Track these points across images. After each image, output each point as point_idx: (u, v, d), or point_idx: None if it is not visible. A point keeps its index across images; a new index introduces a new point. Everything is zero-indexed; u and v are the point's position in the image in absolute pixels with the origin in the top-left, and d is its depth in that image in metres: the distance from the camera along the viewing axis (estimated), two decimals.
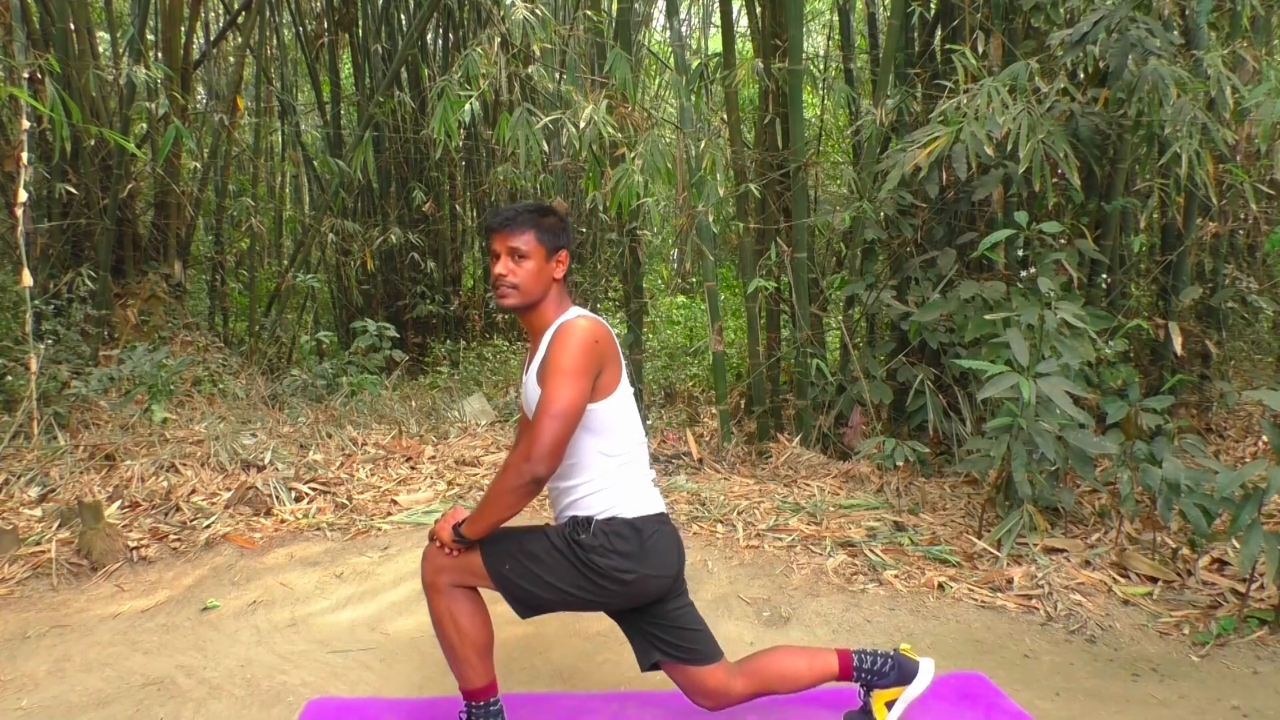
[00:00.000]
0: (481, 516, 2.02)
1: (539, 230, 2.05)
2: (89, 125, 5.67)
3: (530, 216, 2.06)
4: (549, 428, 1.91)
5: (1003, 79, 3.98)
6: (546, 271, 2.07)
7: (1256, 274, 5.87)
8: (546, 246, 2.06)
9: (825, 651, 2.25)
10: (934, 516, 4.01)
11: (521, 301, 2.06)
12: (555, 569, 2.04)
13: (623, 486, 2.07)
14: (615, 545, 2.02)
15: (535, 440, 1.91)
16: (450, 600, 2.10)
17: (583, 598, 2.07)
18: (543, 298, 2.08)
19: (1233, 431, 5.28)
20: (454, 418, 5.72)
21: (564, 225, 2.11)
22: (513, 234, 2.04)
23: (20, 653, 2.87)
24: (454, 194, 9.16)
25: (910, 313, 4.62)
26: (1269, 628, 2.96)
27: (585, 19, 5.89)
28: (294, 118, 9.11)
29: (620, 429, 2.08)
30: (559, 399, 1.92)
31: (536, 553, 2.05)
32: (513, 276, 2.04)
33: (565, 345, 1.96)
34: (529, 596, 2.08)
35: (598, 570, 2.02)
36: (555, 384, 1.93)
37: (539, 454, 1.91)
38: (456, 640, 2.11)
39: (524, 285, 2.04)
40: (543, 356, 2.03)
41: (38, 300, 5.56)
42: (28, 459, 4.31)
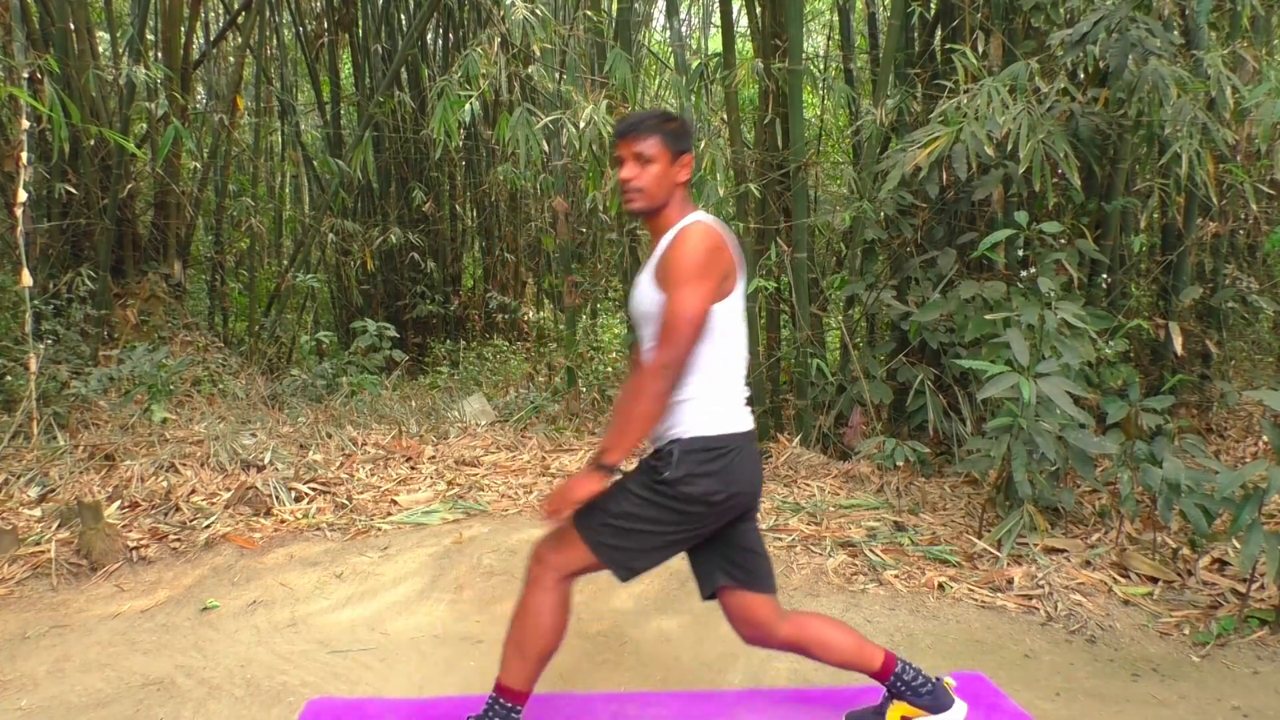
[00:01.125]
0: (624, 436, 1.99)
1: (664, 135, 2.07)
2: (89, 125, 5.68)
3: (656, 122, 2.09)
4: (684, 331, 1.94)
5: (1003, 79, 3.98)
6: (671, 175, 2.09)
7: (1256, 274, 5.87)
8: (671, 150, 2.08)
9: (875, 646, 2.24)
10: (934, 516, 4.01)
11: (647, 205, 2.09)
12: (649, 517, 2.04)
13: (717, 398, 2.07)
14: (700, 468, 2.02)
15: (672, 345, 1.94)
16: (547, 597, 2.12)
17: (680, 535, 2.08)
18: (667, 201, 2.10)
19: (1233, 431, 5.28)
20: (454, 418, 5.72)
21: (687, 130, 2.13)
22: (639, 139, 2.07)
23: (20, 653, 2.86)
24: (454, 194, 9.16)
25: (910, 313, 4.62)
26: (1269, 628, 2.96)
27: (585, 19, 5.89)
28: (294, 118, 9.12)
29: (729, 335, 2.07)
30: (690, 303, 1.95)
31: (628, 510, 2.06)
32: (638, 181, 2.07)
33: (686, 249, 1.98)
34: (632, 557, 2.09)
35: (688, 499, 2.02)
36: (684, 289, 1.96)
37: (678, 358, 1.95)
38: (531, 636, 2.12)
39: (649, 189, 2.07)
40: (660, 257, 2.05)
41: (37, 300, 5.56)
42: (27, 459, 4.30)
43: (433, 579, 3.43)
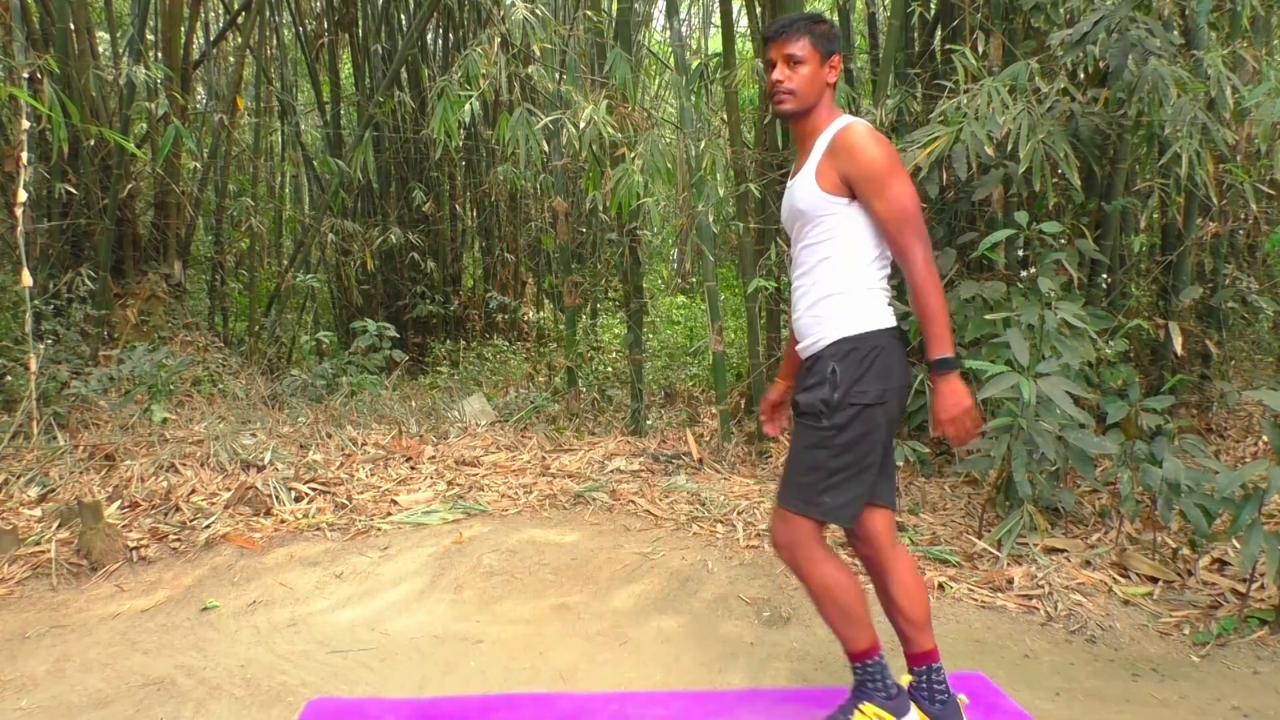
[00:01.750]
0: (938, 329, 2.04)
1: (813, 36, 2.10)
2: (89, 125, 5.68)
3: (805, 23, 2.12)
4: (917, 220, 2.03)
5: (1003, 79, 3.98)
6: (820, 77, 2.12)
7: (1256, 274, 5.87)
8: (821, 51, 2.11)
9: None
10: (934, 516, 4.01)
11: (798, 106, 2.12)
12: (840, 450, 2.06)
13: (861, 294, 2.11)
14: (859, 370, 2.06)
15: (917, 236, 2.03)
16: (822, 569, 2.13)
17: (870, 451, 2.09)
18: (817, 103, 2.13)
19: (1233, 431, 5.28)
20: (454, 418, 5.72)
21: (835, 32, 2.16)
22: (789, 40, 2.10)
23: (20, 653, 2.86)
24: (454, 194, 9.16)
25: (910, 313, 4.62)
26: (1269, 628, 2.96)
27: (585, 19, 5.89)
28: (294, 118, 9.12)
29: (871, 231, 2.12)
30: (905, 196, 2.02)
31: (818, 460, 2.08)
32: (789, 82, 2.10)
33: (871, 149, 2.02)
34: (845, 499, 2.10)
35: (858, 412, 2.05)
36: (892, 186, 2.02)
37: (927, 240, 2.04)
38: (845, 601, 2.14)
39: (800, 90, 2.10)
40: (821, 161, 2.08)
41: (37, 300, 5.56)
42: (27, 459, 4.30)
43: (433, 579, 3.43)
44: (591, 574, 3.47)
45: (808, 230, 2.14)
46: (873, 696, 2.20)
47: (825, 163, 2.08)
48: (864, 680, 2.21)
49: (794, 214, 2.17)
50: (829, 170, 2.07)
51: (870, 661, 2.20)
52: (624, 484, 4.50)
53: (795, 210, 2.16)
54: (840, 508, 2.10)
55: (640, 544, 3.75)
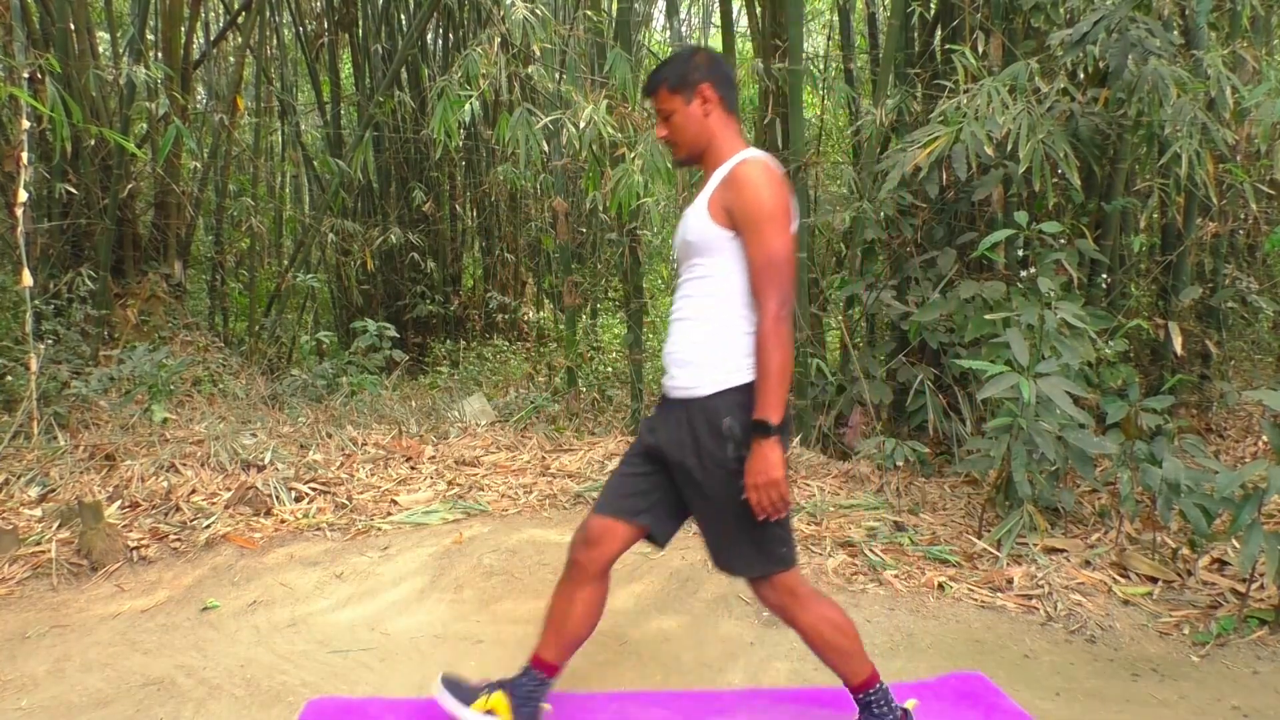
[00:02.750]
0: (776, 390, 1.96)
1: (667, 84, 2.08)
2: (89, 125, 5.67)
3: (658, 75, 2.10)
4: (784, 272, 1.96)
5: (1003, 79, 3.98)
6: (694, 114, 2.08)
7: (1256, 274, 5.87)
8: (682, 94, 2.07)
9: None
10: (934, 516, 4.01)
11: (686, 155, 2.11)
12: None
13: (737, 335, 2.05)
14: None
15: (778, 289, 1.95)
16: (812, 610, 2.11)
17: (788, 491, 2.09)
18: (706, 140, 2.09)
19: (1233, 431, 5.28)
20: (454, 418, 5.72)
21: (689, 62, 2.09)
22: (652, 98, 2.11)
23: (20, 653, 2.86)
24: (454, 194, 9.16)
25: (910, 313, 4.62)
26: (1269, 628, 2.96)
27: (585, 19, 5.89)
28: (294, 118, 9.12)
29: None
30: (778, 243, 1.96)
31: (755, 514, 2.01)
32: (667, 136, 2.10)
33: (756, 189, 1.97)
34: (791, 539, 2.09)
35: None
36: (766, 231, 1.96)
37: (787, 297, 1.96)
38: (838, 638, 2.12)
39: (678, 139, 2.09)
40: (719, 195, 2.03)
41: (38, 300, 5.56)
42: (28, 459, 4.30)
43: (433, 579, 3.43)
44: None
45: (695, 262, 2.08)
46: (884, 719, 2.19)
47: (717, 194, 2.03)
48: (869, 704, 2.19)
49: (684, 244, 2.12)
50: (719, 202, 2.02)
51: (873, 690, 2.18)
52: None
53: (685, 240, 2.11)
54: (792, 546, 2.10)
55: (640, 544, 3.75)
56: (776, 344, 1.95)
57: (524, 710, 2.22)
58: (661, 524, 2.21)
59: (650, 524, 2.19)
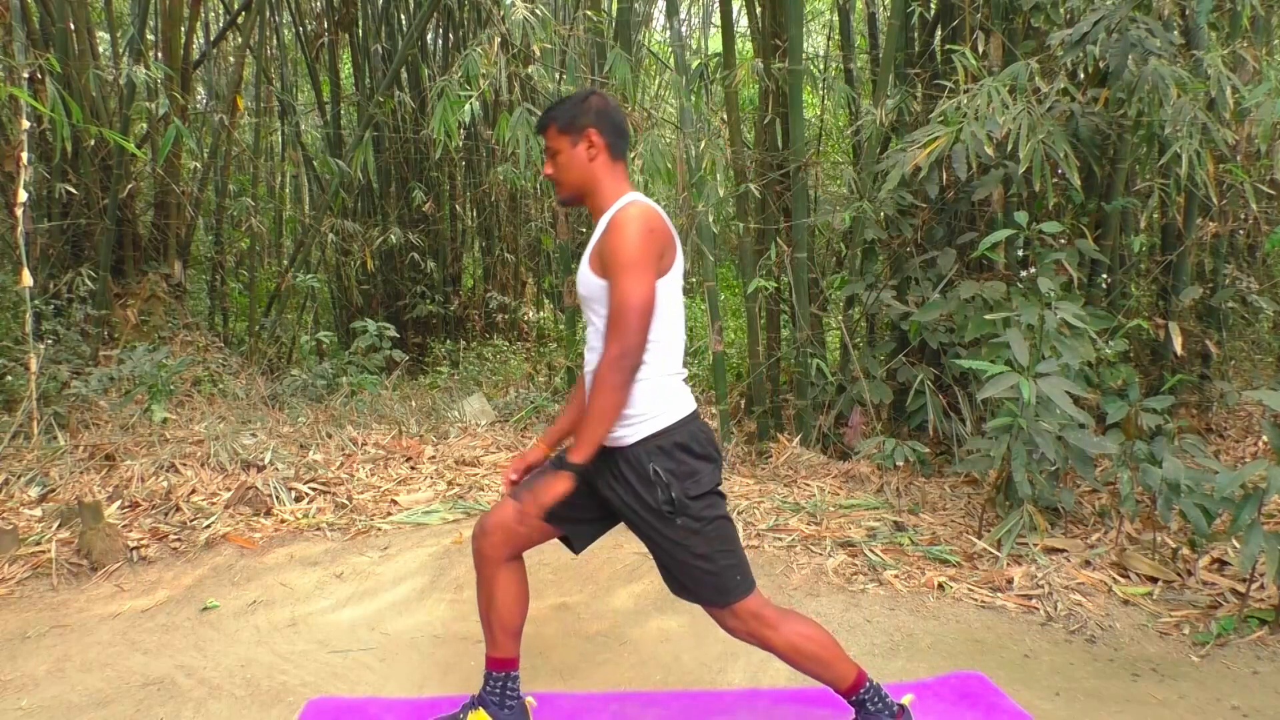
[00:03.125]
0: (591, 433, 1.96)
1: (557, 123, 2.07)
2: (89, 125, 5.67)
3: (549, 113, 2.09)
4: (633, 322, 1.92)
5: (1003, 79, 3.98)
6: (578, 157, 2.06)
7: (1256, 274, 5.86)
8: (569, 135, 2.06)
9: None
10: (934, 516, 4.01)
11: (569, 194, 2.09)
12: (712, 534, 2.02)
13: (660, 382, 2.04)
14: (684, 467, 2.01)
15: (623, 337, 1.92)
16: (783, 630, 2.10)
17: (730, 521, 2.08)
18: (589, 183, 2.07)
19: (1233, 431, 5.28)
20: (454, 418, 5.72)
21: (579, 106, 2.07)
22: (542, 134, 2.09)
23: (20, 653, 2.86)
24: (454, 194, 9.16)
25: (910, 313, 4.62)
26: (1269, 628, 2.96)
27: (585, 19, 5.89)
28: (294, 118, 9.11)
29: (666, 313, 2.04)
30: (635, 291, 1.92)
31: (701, 551, 2.02)
32: (552, 175, 2.09)
33: (625, 235, 1.94)
34: (745, 567, 2.08)
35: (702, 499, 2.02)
36: (627, 277, 1.93)
37: (630, 347, 1.92)
38: (815, 650, 2.12)
39: (561, 178, 2.08)
40: (597, 242, 2.02)
41: (38, 300, 5.56)
42: (28, 459, 4.31)
43: (433, 579, 3.43)
44: (591, 574, 3.47)
45: (593, 315, 2.06)
46: (880, 716, 2.18)
47: (597, 243, 2.01)
48: (862, 703, 2.19)
49: (580, 297, 2.11)
50: (597, 250, 2.01)
51: (864, 690, 2.17)
52: None
53: (579, 294, 2.10)
54: (746, 572, 2.10)
55: (640, 544, 3.75)
56: (604, 388, 1.93)
57: (505, 713, 2.25)
58: (580, 536, 2.24)
59: (568, 530, 2.22)
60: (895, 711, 2.20)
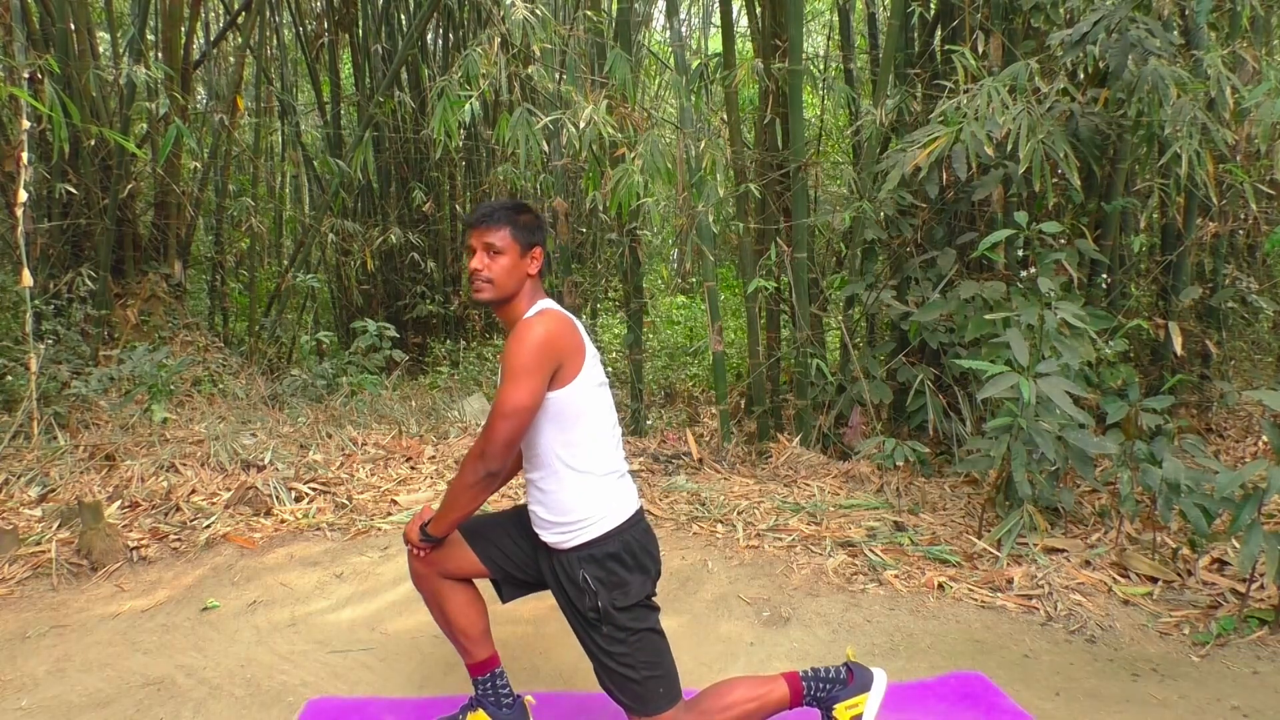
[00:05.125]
0: (444, 514, 2.09)
1: (514, 227, 2.07)
2: (89, 125, 5.68)
3: (506, 214, 2.09)
4: (499, 426, 1.95)
5: (1003, 79, 3.98)
6: (521, 268, 2.08)
7: (1256, 274, 5.87)
8: (521, 243, 2.08)
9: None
10: (934, 516, 4.01)
11: (495, 296, 2.08)
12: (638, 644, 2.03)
13: (588, 490, 2.05)
14: (613, 577, 2.02)
15: (488, 438, 1.96)
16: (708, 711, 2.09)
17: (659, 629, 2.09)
18: (516, 293, 2.10)
19: (1233, 431, 5.28)
20: (454, 418, 5.72)
21: (539, 223, 2.13)
22: (489, 230, 2.07)
23: (20, 653, 2.87)
24: (454, 194, 9.16)
25: (910, 313, 4.62)
26: (1269, 628, 2.96)
27: (585, 19, 5.88)
28: (294, 118, 9.11)
29: (581, 418, 2.04)
30: (508, 398, 1.94)
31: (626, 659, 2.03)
32: (488, 271, 2.06)
33: (519, 344, 1.97)
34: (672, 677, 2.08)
35: (631, 610, 2.02)
36: (507, 384, 1.96)
37: (491, 452, 1.96)
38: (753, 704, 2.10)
39: (498, 280, 2.07)
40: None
41: (38, 300, 5.56)
42: (28, 459, 4.31)
43: None
44: None
45: None
46: (836, 696, 2.15)
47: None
48: (817, 698, 2.16)
49: None
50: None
51: (805, 691, 2.14)
52: None
53: None
54: (672, 683, 2.08)
55: None
56: (459, 480, 2.03)
57: (503, 712, 2.28)
58: (511, 589, 2.28)
59: (502, 580, 2.27)
60: (845, 676, 2.17)
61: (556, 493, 2.05)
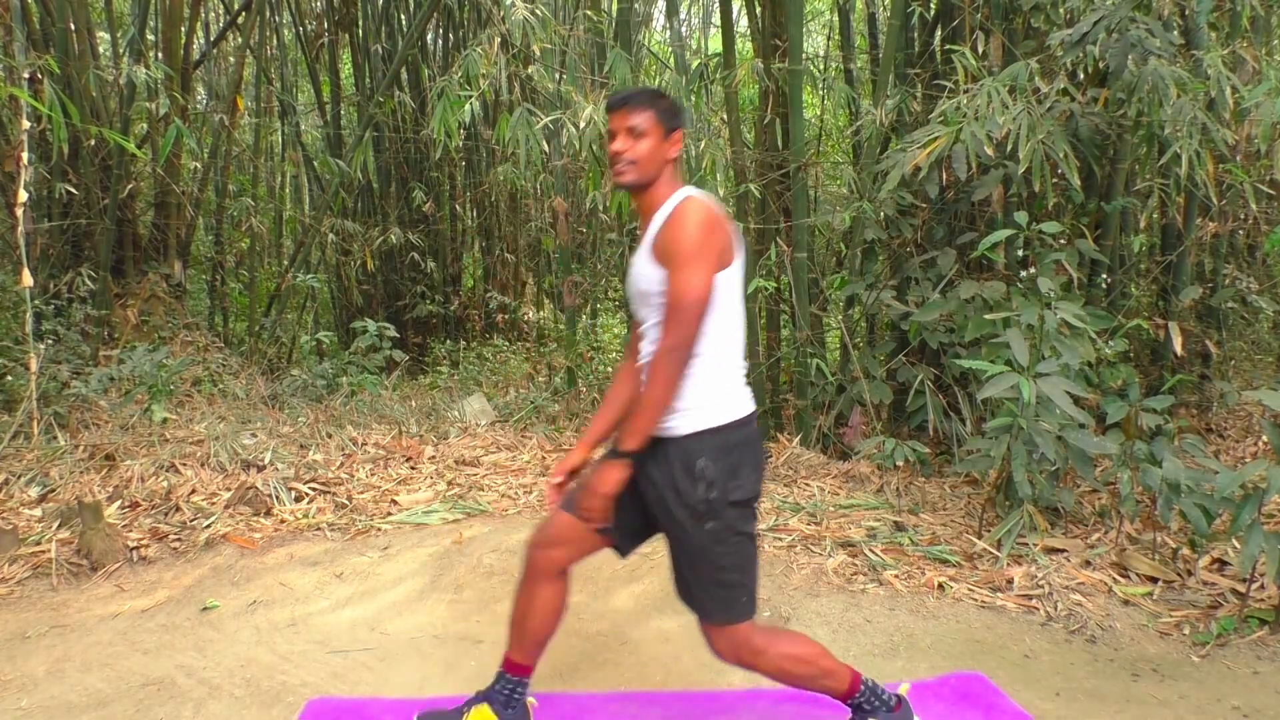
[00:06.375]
0: (640, 422, 1.97)
1: (657, 110, 2.07)
2: (89, 125, 5.68)
3: (649, 96, 2.09)
4: (689, 316, 1.93)
5: (1003, 79, 3.98)
6: (662, 150, 2.08)
7: (1256, 274, 5.87)
8: (664, 125, 2.07)
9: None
10: (934, 516, 4.01)
11: (638, 179, 2.07)
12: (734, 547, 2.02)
13: (716, 378, 2.04)
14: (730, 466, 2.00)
15: (680, 332, 1.93)
16: (770, 655, 2.10)
17: (754, 539, 2.08)
18: (657, 177, 2.09)
19: (1233, 431, 5.28)
20: (454, 418, 5.72)
21: (679, 108, 2.13)
22: (632, 112, 2.06)
23: (20, 653, 2.86)
24: (454, 194, 9.16)
25: (910, 313, 4.62)
26: (1269, 628, 2.96)
27: (585, 19, 5.88)
28: (294, 118, 9.12)
29: (726, 306, 2.04)
30: (692, 287, 1.93)
31: (719, 561, 2.03)
32: (630, 154, 2.06)
33: (686, 228, 1.96)
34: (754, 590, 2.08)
35: (739, 506, 2.01)
36: (686, 270, 1.94)
37: (688, 341, 1.94)
38: (804, 669, 2.12)
39: (641, 162, 2.06)
40: (655, 236, 2.03)
41: (38, 300, 5.56)
42: (28, 459, 4.31)
43: (433, 579, 3.43)
44: (591, 574, 3.47)
45: (648, 309, 2.08)
46: (877, 714, 2.18)
47: (658, 236, 2.02)
48: (859, 706, 2.18)
49: (638, 293, 2.11)
50: (659, 244, 2.02)
51: (859, 692, 2.17)
52: None
53: (636, 290, 2.11)
54: (754, 598, 2.09)
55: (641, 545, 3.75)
56: (657, 378, 1.95)
57: (509, 713, 2.26)
58: (626, 540, 2.24)
59: (615, 538, 2.22)
60: (894, 704, 2.20)
61: (691, 378, 2.02)
